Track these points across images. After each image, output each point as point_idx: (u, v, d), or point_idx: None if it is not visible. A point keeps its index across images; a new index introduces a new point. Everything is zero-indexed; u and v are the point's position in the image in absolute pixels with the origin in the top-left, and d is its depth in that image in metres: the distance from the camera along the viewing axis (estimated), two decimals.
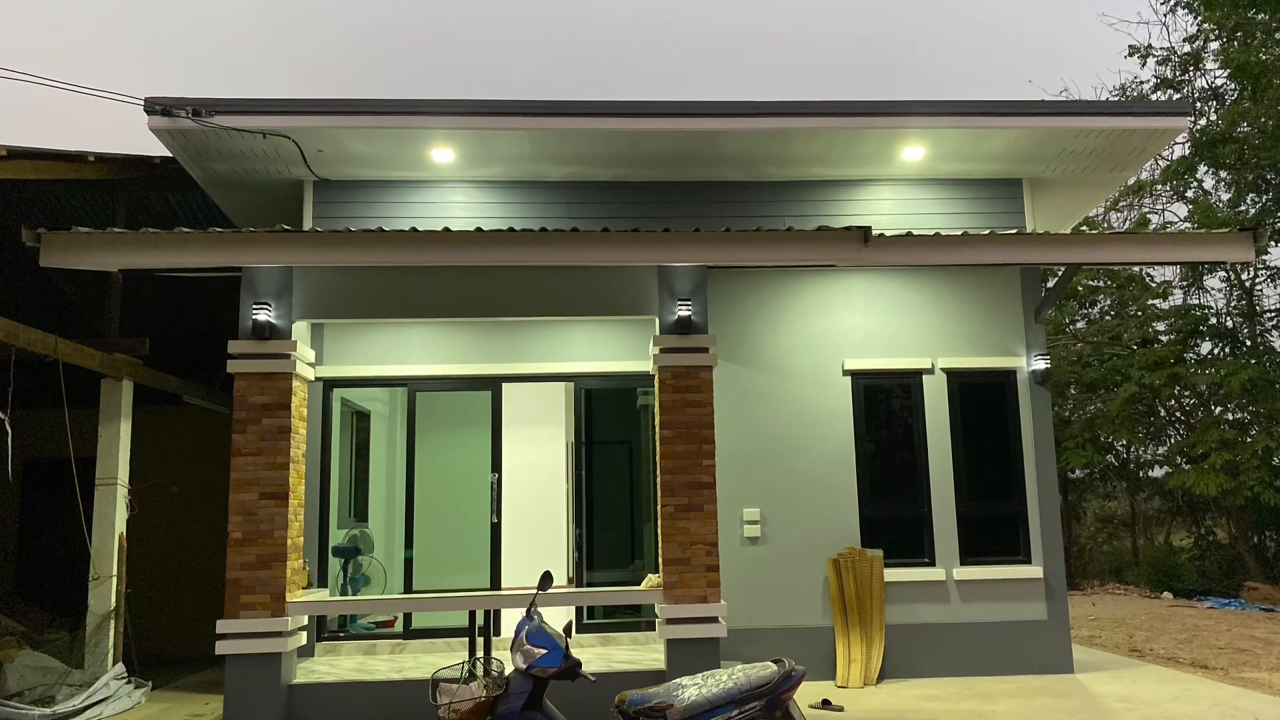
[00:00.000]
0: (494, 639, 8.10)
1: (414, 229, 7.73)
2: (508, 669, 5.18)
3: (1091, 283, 20.06)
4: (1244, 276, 18.43)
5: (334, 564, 9.42)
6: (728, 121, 8.93)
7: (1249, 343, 18.02)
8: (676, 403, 7.99)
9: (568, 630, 5.34)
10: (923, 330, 9.64)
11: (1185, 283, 19.27)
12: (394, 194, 9.76)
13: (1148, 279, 19.50)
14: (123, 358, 9.39)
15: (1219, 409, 18.64)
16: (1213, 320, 18.44)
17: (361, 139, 8.95)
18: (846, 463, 9.38)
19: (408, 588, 9.33)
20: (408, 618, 9.28)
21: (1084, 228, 16.93)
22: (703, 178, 9.88)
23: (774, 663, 4.99)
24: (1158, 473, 20.33)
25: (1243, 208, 17.89)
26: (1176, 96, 19.10)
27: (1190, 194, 19.55)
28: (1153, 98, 19.20)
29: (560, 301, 8.34)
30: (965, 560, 9.29)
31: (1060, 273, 9.57)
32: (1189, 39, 19.17)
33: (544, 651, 4.99)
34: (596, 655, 8.50)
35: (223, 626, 7.38)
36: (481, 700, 4.97)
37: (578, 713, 5.86)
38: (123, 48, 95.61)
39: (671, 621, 7.68)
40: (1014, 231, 9.36)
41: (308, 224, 9.61)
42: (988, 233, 8.63)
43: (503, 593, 8.88)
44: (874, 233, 8.01)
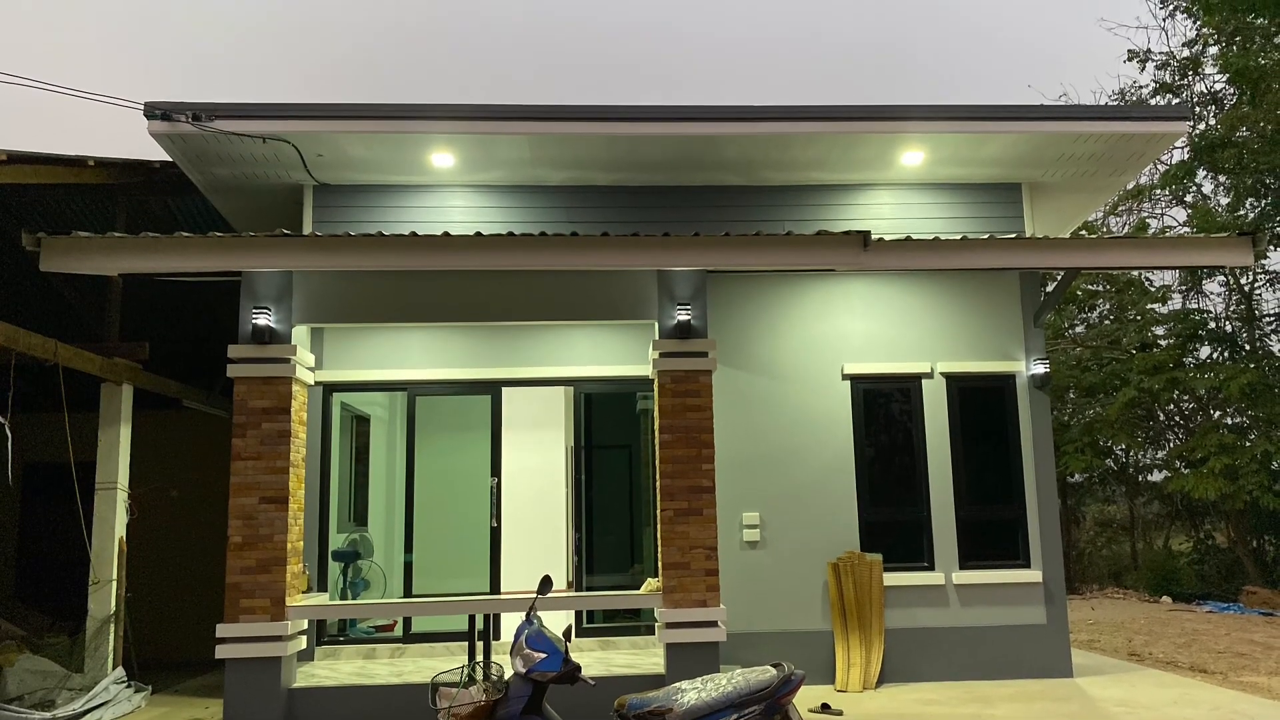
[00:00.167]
0: (494, 643, 8.12)
1: (413, 233, 7.74)
2: (507, 673, 5.18)
3: (1091, 287, 20.07)
4: (1243, 281, 18.45)
5: (334, 568, 9.43)
6: (727, 126, 8.95)
7: (1248, 347, 18.02)
8: (676, 407, 7.99)
9: (567, 634, 5.34)
10: (922, 335, 9.65)
11: (1184, 287, 19.30)
12: (393, 198, 9.77)
13: (1147, 283, 19.53)
14: (123, 362, 9.39)
15: (1218, 413, 18.64)
16: (1212, 325, 18.43)
17: (361, 143, 8.97)
18: (846, 467, 9.38)
19: (407, 592, 9.34)
20: (407, 622, 9.28)
21: (1083, 232, 16.95)
22: (702, 182, 9.90)
23: (773, 667, 4.99)
24: (1157, 477, 20.32)
25: (1242, 212, 17.91)
26: (1175, 101, 19.12)
27: (1189, 199, 19.57)
28: (1152, 102, 19.22)
29: (560, 306, 8.36)
30: (964, 564, 9.29)
31: (1059, 277, 9.56)
32: (1188, 43, 19.23)
33: (543, 655, 4.99)
34: (596, 659, 8.51)
35: (222, 631, 7.40)
36: (481, 704, 4.97)
37: (577, 716, 5.85)
38: (123, 52, 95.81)
39: (671, 626, 7.68)
40: (1013, 236, 9.38)
41: (307, 228, 9.62)
42: (987, 237, 8.64)
43: (502, 597, 8.88)
44: (873, 237, 8.01)
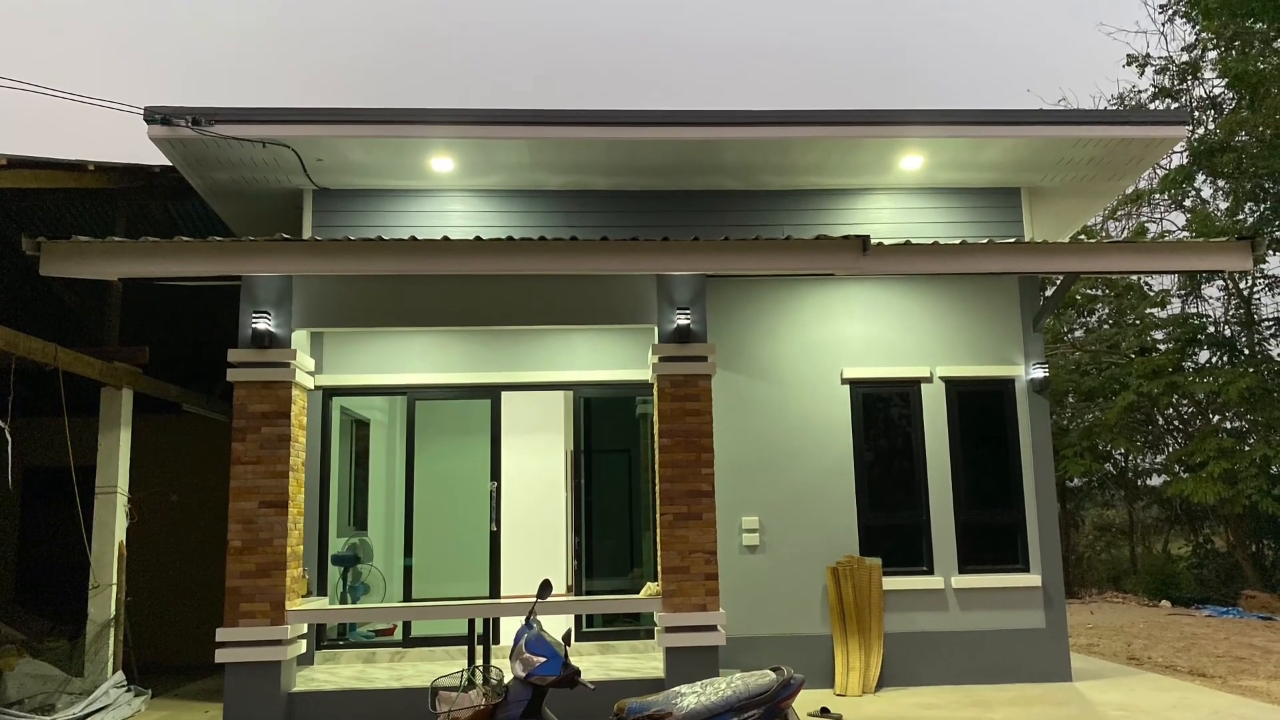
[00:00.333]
0: (493, 647, 8.12)
1: (413, 238, 7.76)
2: (507, 677, 5.18)
3: (1090, 291, 20.09)
4: (1242, 285, 18.47)
5: (333, 572, 9.43)
6: (726, 130, 8.97)
7: (1247, 351, 18.04)
8: (675, 411, 8.00)
9: (567, 638, 5.34)
10: (921, 339, 9.66)
11: (1183, 291, 19.31)
12: (393, 203, 9.78)
13: (1146, 288, 19.55)
14: (123, 366, 9.40)
15: (1217, 417, 18.66)
16: (1211, 329, 18.45)
17: (361, 148, 8.98)
18: (845, 471, 9.39)
19: (407, 596, 9.33)
20: (407, 626, 9.27)
21: (1082, 236, 16.99)
22: (701, 186, 9.91)
23: (773, 671, 4.99)
24: (1156, 481, 20.34)
25: (1241, 217, 17.92)
26: (1174, 105, 19.14)
27: (1188, 203, 19.60)
28: (1151, 107, 19.25)
29: (559, 310, 8.37)
30: (964, 569, 9.29)
31: (1058, 282, 9.58)
32: (1187, 48, 19.28)
33: (543, 660, 4.99)
34: (595, 663, 8.50)
35: (222, 635, 7.40)
36: (481, 708, 4.97)
37: None
38: (123, 57, 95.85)
39: (670, 630, 7.68)
40: (1012, 240, 9.38)
41: (307, 233, 9.63)
42: (986, 241, 8.65)
43: (502, 601, 8.88)
44: (872, 241, 8.03)
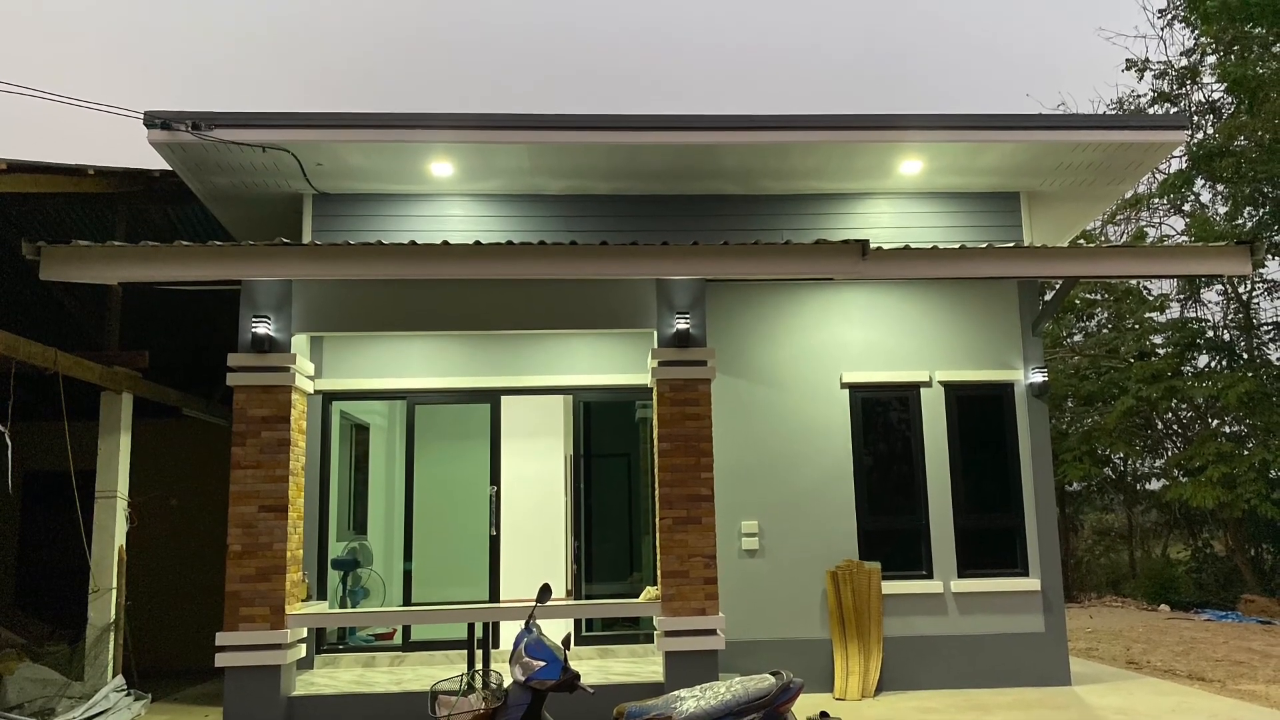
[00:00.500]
0: (493, 651, 8.13)
1: (413, 242, 7.78)
2: (506, 681, 5.18)
3: (1089, 296, 20.09)
4: (1241, 290, 18.48)
5: (333, 576, 9.43)
6: (726, 135, 8.99)
7: (1246, 356, 18.04)
8: (675, 415, 8.01)
9: (566, 642, 5.34)
10: (920, 343, 9.67)
11: (1182, 296, 19.32)
12: (393, 207, 9.80)
13: (1145, 292, 19.56)
14: (122, 371, 9.40)
15: (1216, 422, 18.66)
16: (1210, 333, 18.47)
17: (360, 152, 9.00)
18: (844, 475, 9.40)
19: (407, 600, 9.33)
20: (407, 630, 9.28)
21: (1081, 241, 16.99)
22: (701, 191, 9.93)
23: (772, 675, 4.99)
24: (1155, 485, 20.33)
25: (1240, 221, 17.94)
26: (1174, 110, 19.19)
27: (1187, 207, 19.61)
28: (1150, 111, 19.27)
29: (559, 315, 8.39)
30: (963, 573, 9.30)
31: (1058, 286, 9.60)
32: (1186, 53, 19.30)
33: (543, 664, 4.99)
34: (595, 667, 8.50)
35: (222, 639, 7.40)
36: (480, 712, 4.97)
37: None
38: (122, 61, 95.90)
39: (670, 634, 7.69)
40: (1011, 245, 9.41)
41: (307, 237, 9.65)
42: (985, 246, 8.68)
43: (501, 605, 8.87)
44: (872, 246, 8.06)
